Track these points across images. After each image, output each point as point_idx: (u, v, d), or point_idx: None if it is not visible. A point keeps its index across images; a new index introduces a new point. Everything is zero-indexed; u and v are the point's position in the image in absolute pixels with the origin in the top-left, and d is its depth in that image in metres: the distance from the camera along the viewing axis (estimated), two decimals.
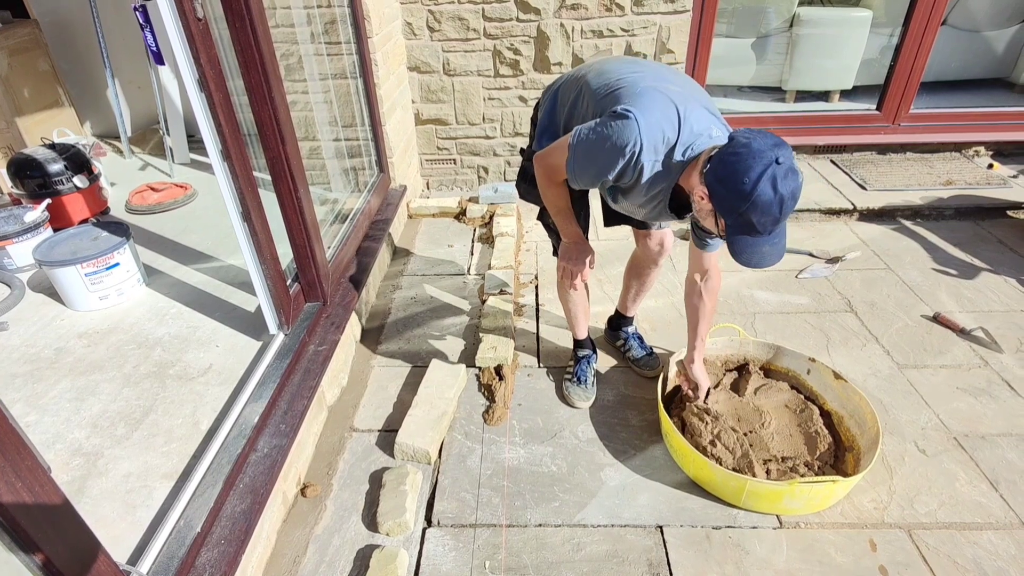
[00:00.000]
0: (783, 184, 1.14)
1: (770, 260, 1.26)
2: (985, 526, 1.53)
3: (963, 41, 4.02)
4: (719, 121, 1.38)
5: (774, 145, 1.16)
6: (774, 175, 1.14)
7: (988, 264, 2.62)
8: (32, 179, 2.52)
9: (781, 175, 1.14)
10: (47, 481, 0.90)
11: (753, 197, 1.15)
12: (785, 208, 1.17)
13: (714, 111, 1.40)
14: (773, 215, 1.17)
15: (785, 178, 1.14)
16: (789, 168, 1.15)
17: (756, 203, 1.16)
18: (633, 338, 2.13)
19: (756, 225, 1.19)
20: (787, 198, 1.16)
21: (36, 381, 1.75)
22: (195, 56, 1.40)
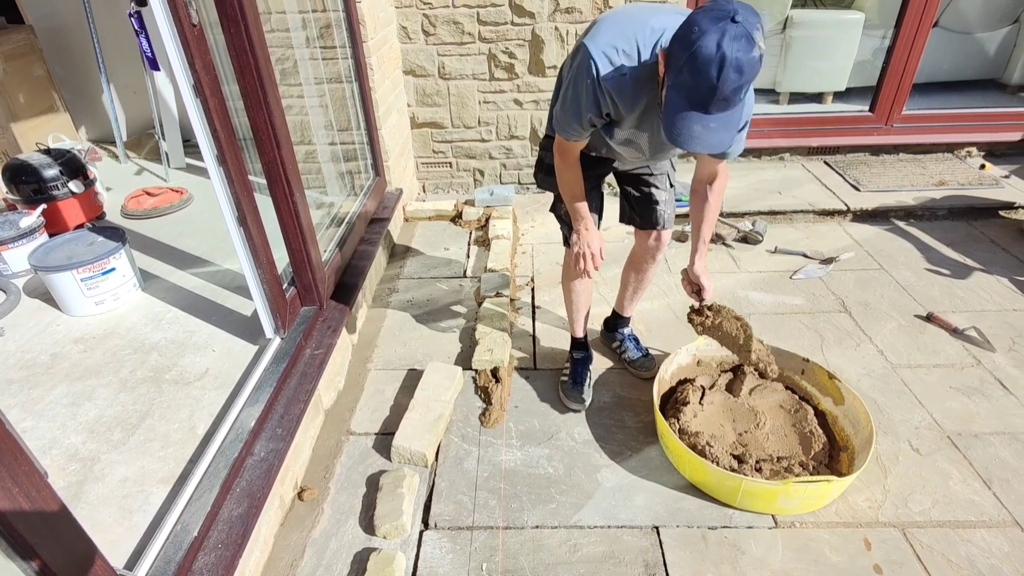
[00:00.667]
0: (730, 45, 1.03)
1: (698, 144, 1.15)
2: (979, 524, 1.54)
3: (955, 42, 4.06)
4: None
5: (743, 8, 1.06)
6: (723, 31, 1.04)
7: (981, 264, 2.64)
8: (27, 184, 2.52)
9: (731, 34, 1.03)
10: (44, 486, 0.90)
11: (694, 48, 1.06)
12: (725, 74, 1.05)
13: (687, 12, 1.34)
14: (709, 78, 1.06)
15: (735, 39, 1.03)
16: (745, 33, 1.04)
17: (695, 57, 1.06)
18: (629, 339, 2.14)
19: (691, 88, 1.10)
20: (729, 61, 1.04)
21: (32, 387, 1.75)
22: (190, 62, 1.40)
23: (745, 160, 3.58)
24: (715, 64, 1.05)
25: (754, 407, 1.84)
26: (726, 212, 3.06)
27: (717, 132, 1.15)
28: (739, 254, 2.82)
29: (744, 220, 3.02)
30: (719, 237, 2.89)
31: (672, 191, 1.86)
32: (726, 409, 1.85)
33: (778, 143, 3.52)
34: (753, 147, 3.53)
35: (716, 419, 1.82)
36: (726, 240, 2.89)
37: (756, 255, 2.81)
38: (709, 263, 2.72)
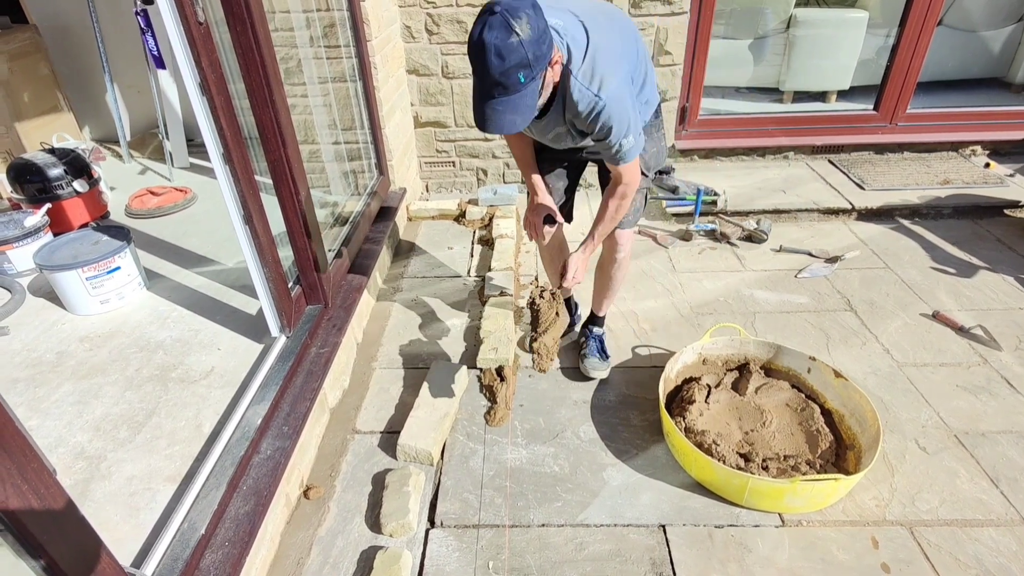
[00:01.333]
0: (488, 33, 1.17)
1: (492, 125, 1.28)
2: (986, 523, 1.54)
3: (959, 41, 4.04)
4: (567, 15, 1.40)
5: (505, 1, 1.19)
6: (484, 22, 1.18)
7: (986, 262, 2.63)
8: (32, 184, 2.52)
9: (489, 24, 1.17)
10: (53, 484, 0.90)
11: (468, 42, 1.22)
12: (488, 59, 1.18)
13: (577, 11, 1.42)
14: (477, 65, 1.21)
15: (491, 28, 1.17)
16: (501, 22, 1.17)
17: (469, 48, 1.22)
18: (594, 339, 2.12)
19: (475, 77, 1.25)
20: (488, 48, 1.17)
21: (38, 385, 1.75)
22: (196, 60, 1.40)
23: (749, 159, 3.57)
24: (477, 52, 1.20)
25: (760, 405, 1.83)
26: (731, 211, 3.06)
27: (505, 114, 1.27)
28: (744, 253, 2.81)
29: (749, 219, 3.01)
30: (724, 236, 2.89)
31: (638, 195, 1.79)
32: (732, 408, 1.85)
33: (782, 142, 3.51)
34: (757, 146, 3.52)
35: (722, 417, 1.81)
36: (731, 239, 2.88)
37: (761, 254, 2.80)
38: (714, 262, 2.73)
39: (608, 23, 1.46)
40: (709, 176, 3.38)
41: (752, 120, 3.61)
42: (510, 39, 1.17)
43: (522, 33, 1.18)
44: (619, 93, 1.40)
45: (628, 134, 1.44)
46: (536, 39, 1.20)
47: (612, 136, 1.44)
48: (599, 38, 1.38)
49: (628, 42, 1.51)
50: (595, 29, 1.39)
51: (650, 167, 1.78)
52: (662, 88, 3.24)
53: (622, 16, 1.59)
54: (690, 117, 3.44)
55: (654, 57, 3.15)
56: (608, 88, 1.38)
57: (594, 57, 1.37)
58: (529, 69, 1.22)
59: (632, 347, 2.22)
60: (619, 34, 1.48)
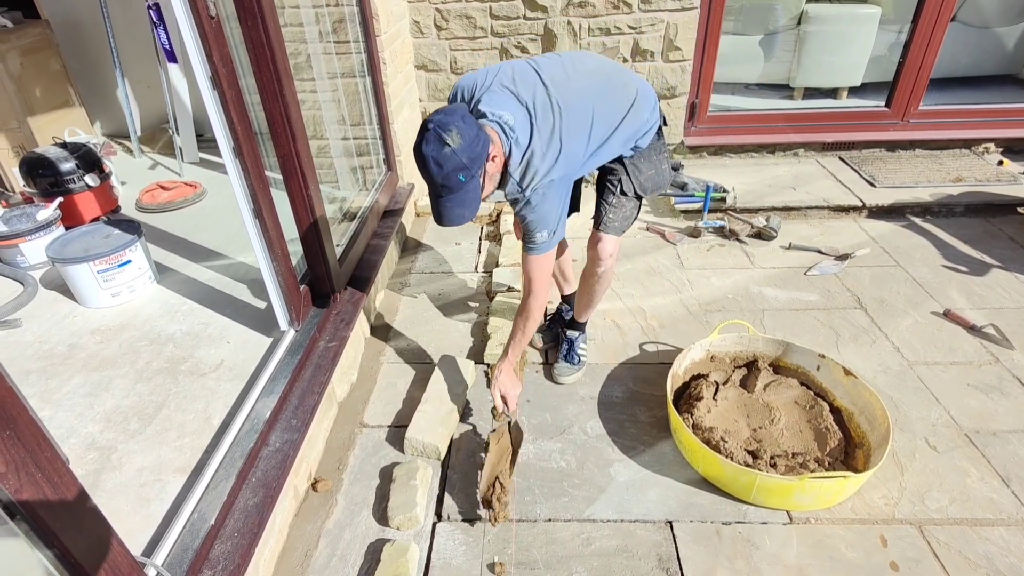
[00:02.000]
0: (426, 147, 1.33)
1: (445, 219, 1.44)
2: (997, 522, 1.52)
3: (973, 37, 4.00)
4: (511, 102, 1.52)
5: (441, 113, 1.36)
6: (422, 137, 1.35)
7: (999, 261, 2.61)
8: (44, 178, 2.55)
9: (425, 139, 1.34)
10: (66, 473, 0.91)
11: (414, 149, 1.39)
12: (429, 168, 1.35)
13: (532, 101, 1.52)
14: (420, 169, 1.38)
15: (427, 143, 1.33)
16: (434, 136, 1.32)
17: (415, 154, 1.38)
18: (566, 342, 2.09)
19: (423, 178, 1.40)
20: (427, 159, 1.34)
21: (50, 377, 1.77)
22: (208, 54, 1.41)
23: (758, 156, 3.55)
24: (419, 162, 1.37)
25: (769, 403, 1.83)
26: (740, 208, 3.04)
27: (454, 209, 1.43)
28: (753, 250, 2.80)
29: (758, 216, 3.00)
30: (733, 233, 2.87)
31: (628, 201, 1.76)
32: (740, 405, 1.84)
33: (792, 139, 3.49)
34: (767, 143, 3.50)
35: (730, 414, 1.81)
36: (740, 236, 2.87)
37: (770, 251, 2.78)
38: (723, 259, 2.72)
39: (571, 118, 1.53)
40: (718, 173, 3.37)
41: (762, 116, 3.59)
42: (444, 150, 1.33)
43: (453, 143, 1.33)
44: (544, 193, 1.52)
45: (543, 229, 1.56)
46: (468, 144, 1.34)
47: (528, 226, 1.56)
48: (540, 141, 1.49)
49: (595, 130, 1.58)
50: (541, 132, 1.49)
51: (646, 190, 1.76)
52: (671, 84, 3.23)
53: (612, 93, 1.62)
54: (699, 113, 3.43)
55: (663, 53, 3.13)
56: (535, 189, 1.51)
57: (528, 160, 1.49)
58: (467, 170, 1.36)
59: (640, 343, 2.21)
60: (577, 131, 1.54)
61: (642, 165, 1.73)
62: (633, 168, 1.72)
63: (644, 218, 3.11)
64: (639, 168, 1.73)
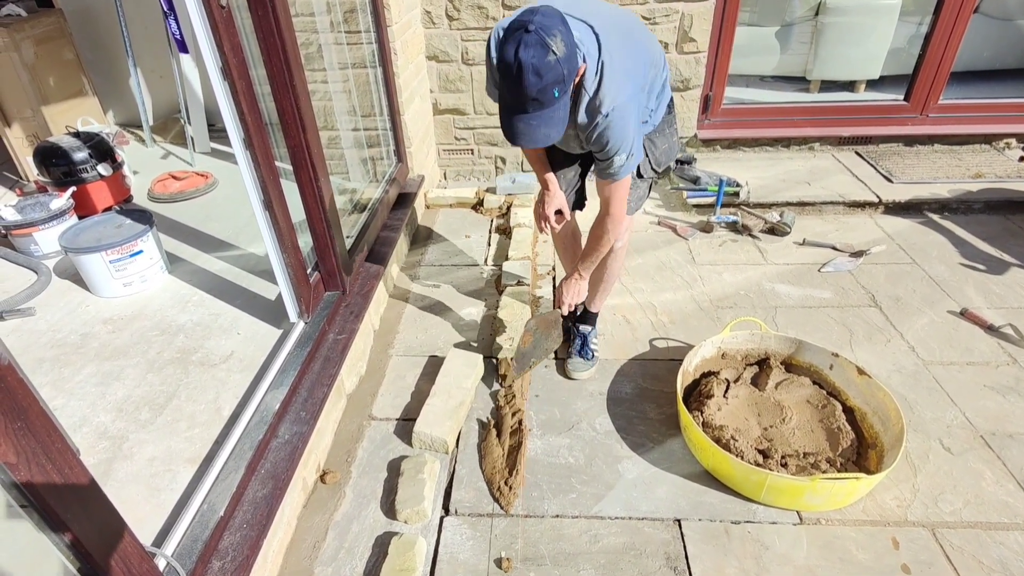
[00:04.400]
0: (525, 52, 1.18)
1: (526, 139, 1.31)
2: (1012, 526, 1.50)
3: (995, 30, 3.91)
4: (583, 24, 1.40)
5: (542, 15, 1.21)
6: (519, 40, 1.19)
7: (1018, 259, 2.56)
8: (58, 167, 2.56)
9: (525, 43, 1.18)
10: (76, 463, 0.91)
11: (499, 59, 1.23)
12: (525, 78, 1.19)
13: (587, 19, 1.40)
14: (513, 84, 1.22)
15: (527, 47, 1.18)
16: (538, 40, 1.18)
17: (500, 66, 1.23)
18: (579, 336, 2.07)
19: (508, 93, 1.26)
20: (526, 67, 1.19)
21: (62, 366, 1.79)
22: (218, 44, 1.40)
23: (773, 150, 3.50)
24: (512, 71, 1.21)
25: (780, 401, 1.81)
26: (753, 203, 3.00)
27: (539, 128, 1.30)
28: (766, 246, 2.76)
29: (771, 211, 2.96)
30: (746, 228, 2.84)
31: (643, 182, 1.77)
32: (751, 403, 1.82)
33: (808, 132, 3.43)
34: (782, 136, 3.45)
35: (741, 413, 1.79)
36: (753, 231, 2.83)
37: (784, 247, 2.75)
38: (736, 255, 2.70)
39: (622, 39, 1.45)
40: (732, 167, 3.33)
41: (777, 110, 3.54)
42: (547, 57, 1.19)
43: (558, 51, 1.20)
44: (623, 112, 1.42)
45: (622, 152, 1.47)
46: (570, 55, 1.23)
47: (608, 150, 1.47)
48: (610, 56, 1.39)
49: (640, 57, 1.50)
50: (607, 46, 1.39)
51: (660, 163, 1.76)
52: (686, 75, 3.18)
53: (639, 28, 1.57)
54: (713, 106, 3.38)
55: (677, 44, 3.09)
56: (612, 106, 1.40)
57: (603, 74, 1.38)
58: (563, 84, 1.25)
59: (650, 339, 2.19)
60: (632, 50, 1.47)
61: (657, 140, 1.72)
62: (650, 145, 1.71)
63: (656, 212, 3.08)
64: (655, 144, 1.72)
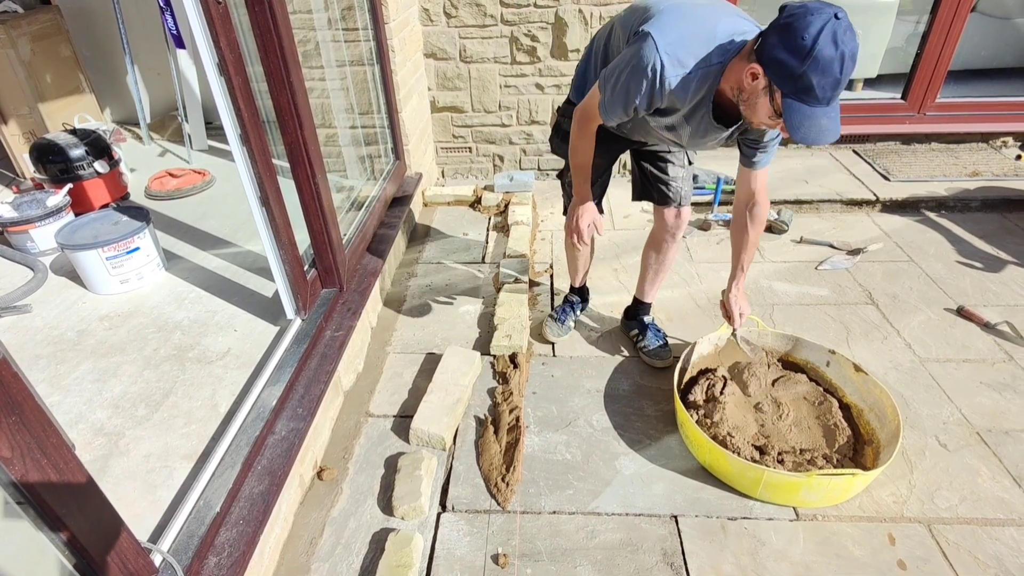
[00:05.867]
0: (844, 40, 1.11)
1: (829, 135, 1.21)
2: (1007, 522, 1.50)
3: (993, 28, 3.92)
4: (755, 25, 1.36)
5: (830, 3, 1.13)
6: (835, 29, 1.10)
7: (1015, 257, 2.56)
8: (54, 164, 2.56)
9: (841, 30, 1.10)
10: (72, 459, 0.91)
11: (815, 53, 1.11)
12: (846, 68, 1.13)
13: (751, 19, 1.37)
14: (834, 75, 1.13)
15: (845, 34, 1.11)
16: (848, 26, 1.11)
17: (817, 60, 1.12)
18: (649, 328, 2.11)
19: (815, 89, 1.15)
20: (847, 56, 1.12)
21: (59, 362, 1.78)
22: (215, 40, 1.40)
23: None
24: (837, 62, 1.12)
25: (777, 398, 1.81)
26: None
27: (836, 119, 1.21)
28: (764, 243, 2.77)
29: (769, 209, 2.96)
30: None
31: (689, 169, 1.86)
32: (748, 400, 1.82)
33: None
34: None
35: (738, 410, 1.79)
36: None
37: (781, 245, 2.75)
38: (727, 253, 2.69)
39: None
40: (729, 165, 3.32)
41: None
42: (857, 40, 1.14)
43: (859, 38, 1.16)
44: None
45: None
46: None
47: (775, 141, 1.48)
48: None
49: None
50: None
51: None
52: None
53: None
54: None
55: None
56: None
57: None
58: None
59: None
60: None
61: None
62: None
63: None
64: None
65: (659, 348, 2.06)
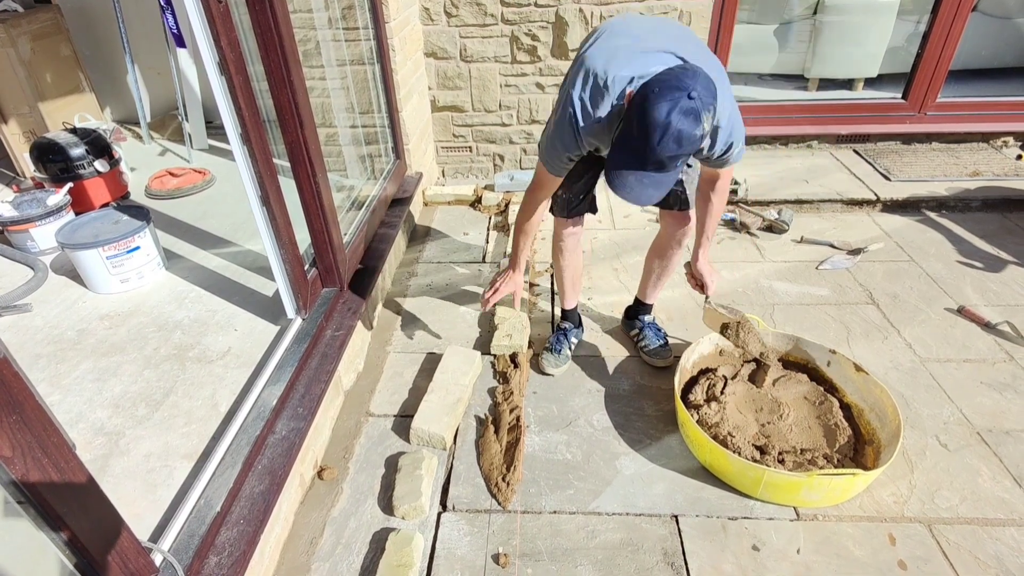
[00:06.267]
0: (677, 117, 1.15)
1: (630, 195, 1.27)
2: (1008, 522, 1.50)
3: (994, 28, 3.91)
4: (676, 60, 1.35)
5: (703, 86, 1.17)
6: (676, 102, 1.15)
7: (1015, 257, 2.56)
8: (55, 163, 2.55)
9: (681, 108, 1.14)
10: (72, 458, 0.91)
11: (644, 110, 1.17)
12: (665, 141, 1.16)
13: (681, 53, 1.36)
14: (650, 141, 1.18)
15: (683, 114, 1.15)
16: (694, 110, 1.15)
17: (643, 118, 1.18)
18: (649, 327, 2.11)
19: (634, 145, 1.21)
20: (671, 132, 1.15)
21: (59, 362, 1.78)
22: (216, 39, 1.39)
23: (771, 147, 3.50)
24: (659, 130, 1.16)
25: (777, 398, 1.81)
26: (751, 201, 3.00)
27: (648, 188, 1.26)
28: (764, 243, 2.77)
29: (770, 209, 2.96)
30: (744, 226, 2.84)
31: (693, 171, 1.83)
32: (749, 400, 1.82)
33: (806, 130, 3.43)
34: (780, 134, 3.45)
35: (738, 409, 1.79)
36: (751, 229, 2.84)
37: (781, 244, 2.75)
38: (733, 252, 2.69)
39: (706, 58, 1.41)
40: None
41: (775, 108, 3.54)
42: (695, 131, 1.17)
43: (706, 128, 1.19)
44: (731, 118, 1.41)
45: (739, 143, 1.48)
46: (710, 132, 1.23)
47: (730, 151, 1.48)
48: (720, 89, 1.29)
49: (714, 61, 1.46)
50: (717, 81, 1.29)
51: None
52: None
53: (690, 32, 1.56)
54: None
55: None
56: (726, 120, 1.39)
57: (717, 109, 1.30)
58: (688, 158, 1.25)
59: None
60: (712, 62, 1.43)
61: None
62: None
63: (653, 210, 3.08)
64: None
65: (659, 348, 2.06)
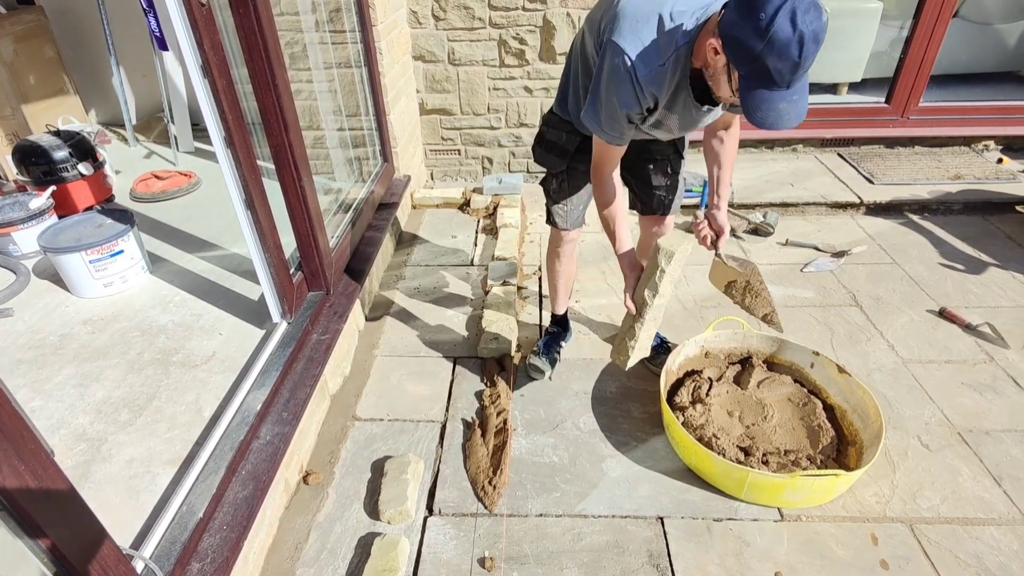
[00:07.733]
0: (804, 19, 1.02)
1: (787, 120, 1.14)
2: (988, 521, 1.53)
3: (974, 34, 3.97)
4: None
5: None
6: (793, 8, 1.02)
7: (996, 259, 2.60)
8: (37, 166, 2.52)
9: (802, 9, 1.02)
10: (50, 465, 0.90)
11: (769, 34, 1.04)
12: (806, 50, 1.05)
13: None
14: (791, 58, 1.05)
15: (807, 12, 1.02)
16: (811, 2, 1.03)
17: (773, 42, 1.04)
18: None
19: (772, 73, 1.08)
20: (807, 37, 1.03)
21: (41, 367, 1.76)
22: (198, 41, 1.39)
23: (757, 151, 3.54)
24: (795, 43, 1.04)
25: (762, 400, 1.82)
26: (736, 203, 3.03)
27: (799, 103, 1.14)
28: (749, 246, 2.79)
29: (755, 212, 2.99)
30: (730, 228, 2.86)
31: (675, 177, 1.83)
32: (734, 401, 1.84)
33: (791, 134, 3.47)
34: (765, 138, 3.49)
35: (723, 411, 1.80)
36: (737, 232, 2.86)
37: (767, 247, 2.78)
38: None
39: None
40: None
41: None
42: (823, 18, 1.05)
43: (827, 9, 1.06)
44: None
45: None
46: None
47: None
48: None
49: None
50: None
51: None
52: None
53: None
54: None
55: None
56: None
57: None
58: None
59: None
60: None
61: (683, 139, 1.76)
62: (681, 143, 1.77)
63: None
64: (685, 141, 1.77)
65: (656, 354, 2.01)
